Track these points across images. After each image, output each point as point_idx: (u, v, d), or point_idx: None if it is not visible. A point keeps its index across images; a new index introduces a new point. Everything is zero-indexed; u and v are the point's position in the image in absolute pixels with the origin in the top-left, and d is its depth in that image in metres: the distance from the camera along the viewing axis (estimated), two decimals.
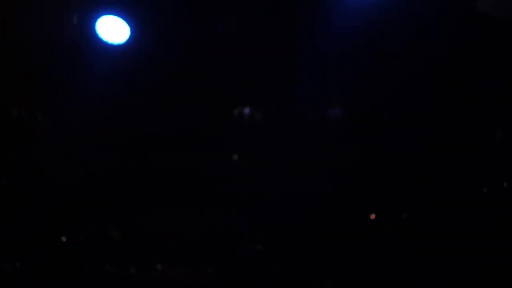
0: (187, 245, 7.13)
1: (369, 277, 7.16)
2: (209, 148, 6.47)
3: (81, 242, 6.97)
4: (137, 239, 6.99)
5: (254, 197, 6.90)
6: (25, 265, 6.84)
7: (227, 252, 7.21)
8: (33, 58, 5.92)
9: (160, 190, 6.65)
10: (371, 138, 6.33)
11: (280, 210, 7.03)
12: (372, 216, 7.04)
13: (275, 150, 6.57)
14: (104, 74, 5.95)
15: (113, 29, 5.68)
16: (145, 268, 7.08)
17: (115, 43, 5.72)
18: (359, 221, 7.11)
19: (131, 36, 5.67)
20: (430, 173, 6.46)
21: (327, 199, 6.84)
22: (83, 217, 6.92)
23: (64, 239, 6.96)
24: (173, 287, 7.09)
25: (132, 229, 7.01)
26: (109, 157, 6.39)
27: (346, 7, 5.31)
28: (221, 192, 6.82)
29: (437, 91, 5.98)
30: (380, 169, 6.53)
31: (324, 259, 7.24)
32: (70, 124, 6.21)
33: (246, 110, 6.34)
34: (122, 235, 6.99)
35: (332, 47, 5.65)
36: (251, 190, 6.84)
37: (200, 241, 7.11)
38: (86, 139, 6.29)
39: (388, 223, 7.07)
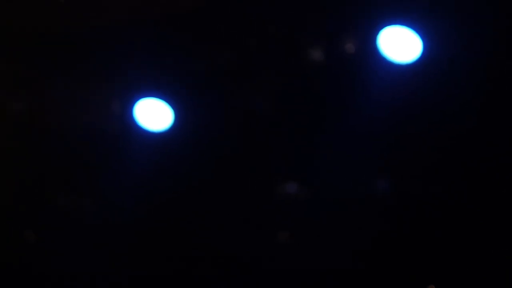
0: None
1: None
2: (252, 228, 6.44)
3: None
4: None
5: (301, 275, 6.82)
6: None
7: None
8: (75, 147, 5.96)
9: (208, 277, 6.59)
10: (419, 213, 6.22)
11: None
12: None
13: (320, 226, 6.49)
14: (145, 162, 5.96)
15: (154, 116, 5.68)
16: None
17: (157, 130, 5.73)
18: None
19: (174, 123, 5.68)
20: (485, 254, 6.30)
21: (374, 278, 6.72)
22: None
23: None
24: None
25: None
26: (153, 244, 6.37)
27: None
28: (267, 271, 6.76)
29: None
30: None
31: None
32: (113, 213, 6.21)
33: (292, 187, 6.30)
34: None
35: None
36: (298, 268, 6.76)
37: None
38: (127, 228, 6.28)
39: None
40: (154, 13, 5.35)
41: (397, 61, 5.08)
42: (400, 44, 4.93)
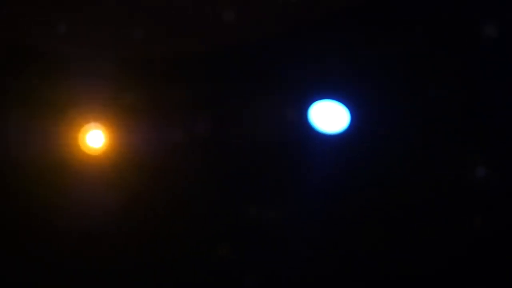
0: None
1: None
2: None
3: None
4: None
5: None
6: None
7: None
8: (257, 159, 6.12)
9: None
10: None
11: None
12: None
13: None
14: (323, 165, 6.03)
15: (330, 118, 5.76)
16: None
17: (333, 132, 5.80)
18: None
19: (350, 124, 5.74)
20: None
21: None
22: None
23: None
24: None
25: None
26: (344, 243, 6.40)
27: None
28: None
29: None
30: None
31: None
32: (298, 222, 6.31)
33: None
34: None
35: None
36: None
37: None
38: (315, 232, 6.35)
39: None
40: (321, 12, 5.47)
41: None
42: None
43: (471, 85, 5.90)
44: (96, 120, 6.22)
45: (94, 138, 6.22)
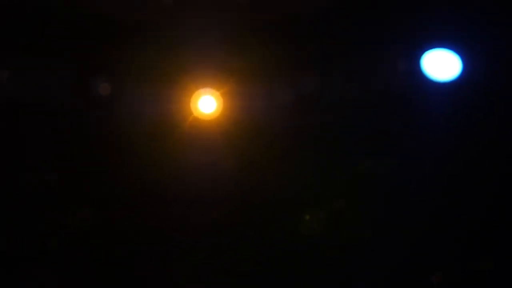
0: None
1: None
2: None
3: None
4: None
5: None
6: None
7: None
8: (371, 111, 6.19)
9: None
10: None
11: None
12: None
13: None
14: (436, 115, 6.08)
15: (442, 66, 5.83)
16: None
17: (445, 80, 5.86)
18: None
19: (462, 71, 5.79)
20: None
21: None
22: None
23: None
24: None
25: None
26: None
27: None
28: None
29: None
30: None
31: None
32: (413, 173, 6.35)
33: None
34: None
35: None
36: None
37: None
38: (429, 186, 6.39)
39: None
40: None
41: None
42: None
43: None
44: (208, 86, 6.35)
45: (206, 104, 6.33)
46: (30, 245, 6.76)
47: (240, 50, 6.36)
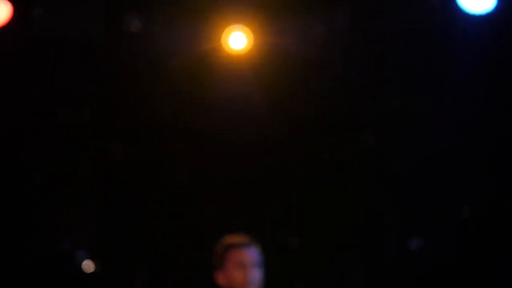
0: None
1: None
2: None
3: None
4: None
5: None
6: None
7: None
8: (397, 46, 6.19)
9: None
10: None
11: None
12: None
13: None
14: (470, 48, 6.06)
15: None
16: None
17: (480, 12, 5.81)
18: None
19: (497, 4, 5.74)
20: None
21: None
22: None
23: None
24: None
25: None
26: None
27: None
28: None
29: None
30: None
31: None
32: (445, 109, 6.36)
33: None
34: None
35: None
36: None
37: None
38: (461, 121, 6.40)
39: None
40: None
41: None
42: None
43: None
44: (239, 21, 6.35)
45: (237, 39, 6.34)
46: (63, 180, 6.87)
47: None
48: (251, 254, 3.18)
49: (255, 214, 6.65)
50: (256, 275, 3.12)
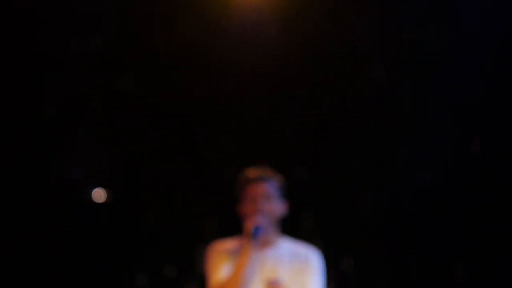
0: None
1: None
2: None
3: None
4: None
5: None
6: None
7: None
8: None
9: None
10: None
11: None
12: None
13: None
14: None
15: None
16: None
17: None
18: None
19: None
20: None
21: None
22: None
23: None
24: None
25: None
26: None
27: None
28: None
29: None
30: None
31: None
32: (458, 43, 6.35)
33: None
34: None
35: None
36: None
37: None
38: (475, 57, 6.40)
39: None
40: None
41: None
42: None
43: None
44: None
45: None
46: (75, 110, 6.92)
47: None
48: (266, 188, 3.25)
49: (266, 144, 6.72)
50: (267, 206, 3.19)
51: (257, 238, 3.12)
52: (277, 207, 3.27)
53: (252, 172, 3.31)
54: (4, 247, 7.15)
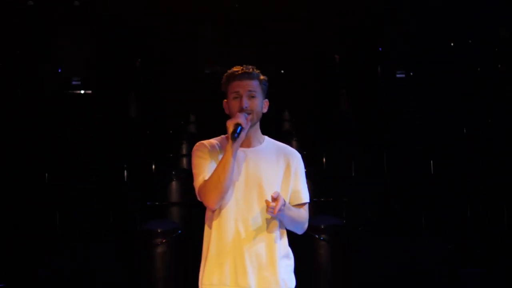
0: None
1: None
2: None
3: None
4: None
5: None
6: None
7: None
8: None
9: None
10: None
11: None
12: None
13: None
14: None
15: None
16: None
17: None
18: None
19: None
20: None
21: None
22: None
23: None
24: None
25: None
26: None
27: None
28: None
29: None
30: None
31: None
32: None
33: None
34: None
35: None
36: None
37: None
38: None
39: None
40: None
41: None
42: None
43: None
44: None
45: None
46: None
47: None
48: (247, 85, 3.21)
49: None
50: (250, 103, 3.24)
51: (239, 136, 3.11)
52: (261, 104, 3.25)
53: (236, 69, 3.36)
54: None
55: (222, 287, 3.15)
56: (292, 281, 3.20)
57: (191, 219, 7.07)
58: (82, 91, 7.83)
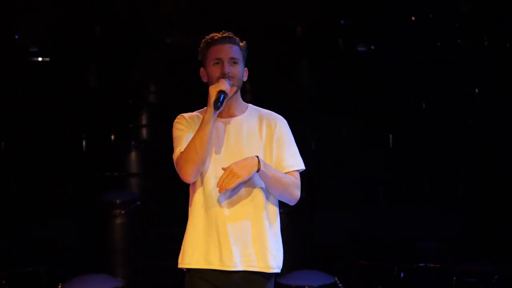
0: None
1: None
2: None
3: None
4: None
5: None
6: None
7: None
8: None
9: None
10: None
11: None
12: None
13: None
14: None
15: None
16: None
17: None
18: None
19: None
20: None
21: None
22: None
23: None
24: None
25: None
26: None
27: None
28: None
29: None
30: None
31: None
32: None
33: None
34: None
35: None
36: None
37: None
38: None
39: None
40: None
41: None
42: None
43: None
44: None
45: None
46: None
47: None
48: (229, 50, 3.03)
49: None
50: (232, 69, 3.09)
51: (221, 104, 2.94)
52: (242, 71, 3.09)
53: (215, 34, 3.21)
54: None
55: (205, 265, 2.99)
56: (280, 258, 3.06)
57: (150, 190, 7.05)
58: (40, 58, 7.73)
